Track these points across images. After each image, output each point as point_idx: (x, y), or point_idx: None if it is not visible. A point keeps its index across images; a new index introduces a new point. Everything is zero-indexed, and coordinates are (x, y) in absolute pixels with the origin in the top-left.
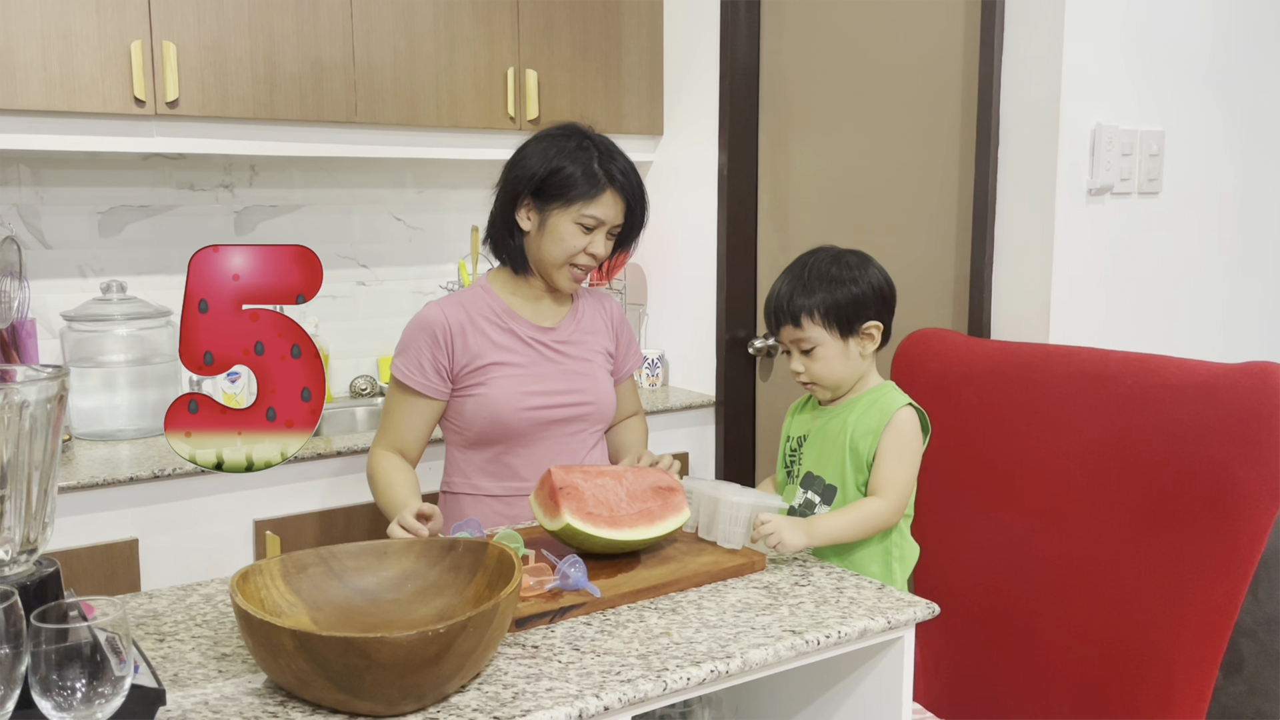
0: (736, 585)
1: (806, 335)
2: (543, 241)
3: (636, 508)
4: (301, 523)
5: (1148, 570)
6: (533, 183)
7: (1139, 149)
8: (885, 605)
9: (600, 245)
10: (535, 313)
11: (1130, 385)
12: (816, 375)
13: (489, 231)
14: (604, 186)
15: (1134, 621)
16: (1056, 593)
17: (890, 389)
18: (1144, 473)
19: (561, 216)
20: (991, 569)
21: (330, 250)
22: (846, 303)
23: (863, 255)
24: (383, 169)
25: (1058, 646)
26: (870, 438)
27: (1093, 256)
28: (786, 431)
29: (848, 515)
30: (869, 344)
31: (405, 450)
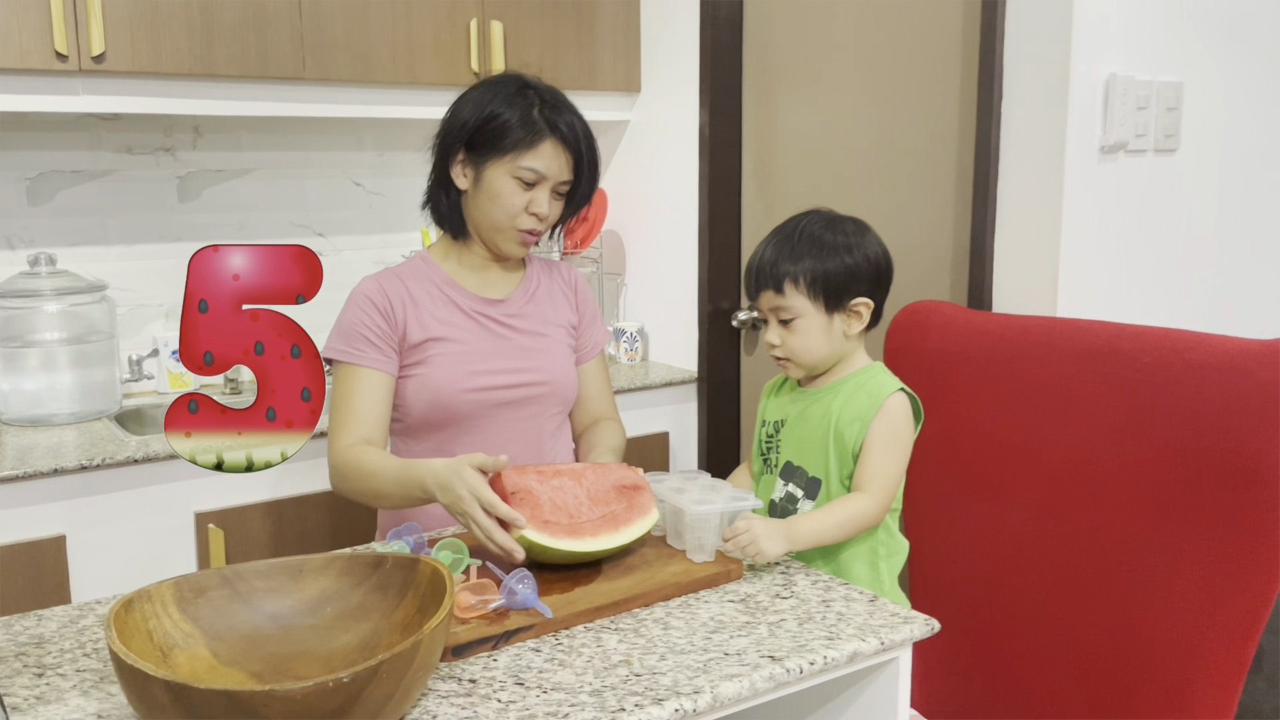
0: (709, 598)
1: (788, 304)
2: (480, 200)
3: (599, 511)
4: (248, 515)
5: (1168, 567)
6: (465, 132)
7: (1155, 102)
8: (878, 623)
9: (544, 203)
10: (481, 283)
11: (1148, 363)
12: (792, 350)
13: (427, 195)
14: (543, 134)
15: (1153, 624)
16: (1066, 592)
17: (880, 371)
18: (1164, 460)
19: (496, 169)
20: (992, 565)
21: (283, 219)
22: (837, 273)
23: (860, 223)
24: (339, 130)
25: (1066, 651)
26: (857, 425)
27: (1105, 221)
28: (762, 415)
29: (831, 515)
30: (855, 323)
31: (373, 440)
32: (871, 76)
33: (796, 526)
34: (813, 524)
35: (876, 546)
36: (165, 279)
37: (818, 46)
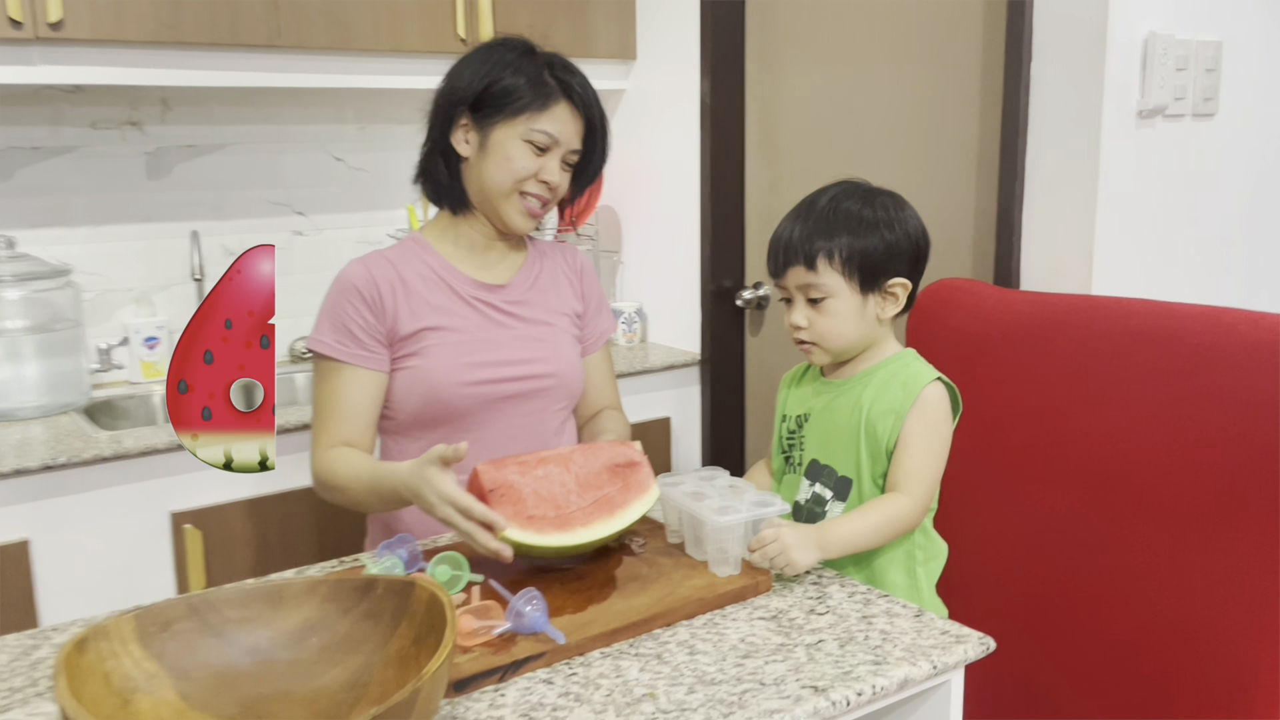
0: (737, 615)
1: (819, 281)
2: (485, 165)
3: (590, 497)
4: (228, 515)
5: (1220, 565)
6: (470, 94)
7: (1194, 63)
8: (927, 643)
9: (555, 170)
10: (481, 267)
11: (1197, 344)
12: (821, 333)
13: (420, 168)
14: (556, 96)
15: (1202, 624)
16: (1105, 591)
17: (913, 359)
18: (1215, 449)
19: (507, 132)
20: (1024, 562)
21: (260, 196)
22: (876, 251)
23: (897, 197)
24: (318, 102)
25: (1106, 653)
26: (891, 418)
27: (1142, 191)
28: (782, 409)
29: (866, 519)
30: (890, 306)
31: (355, 441)
32: (885, 38)
33: (829, 533)
34: (847, 530)
35: (913, 551)
36: (135, 262)
37: (827, 7)
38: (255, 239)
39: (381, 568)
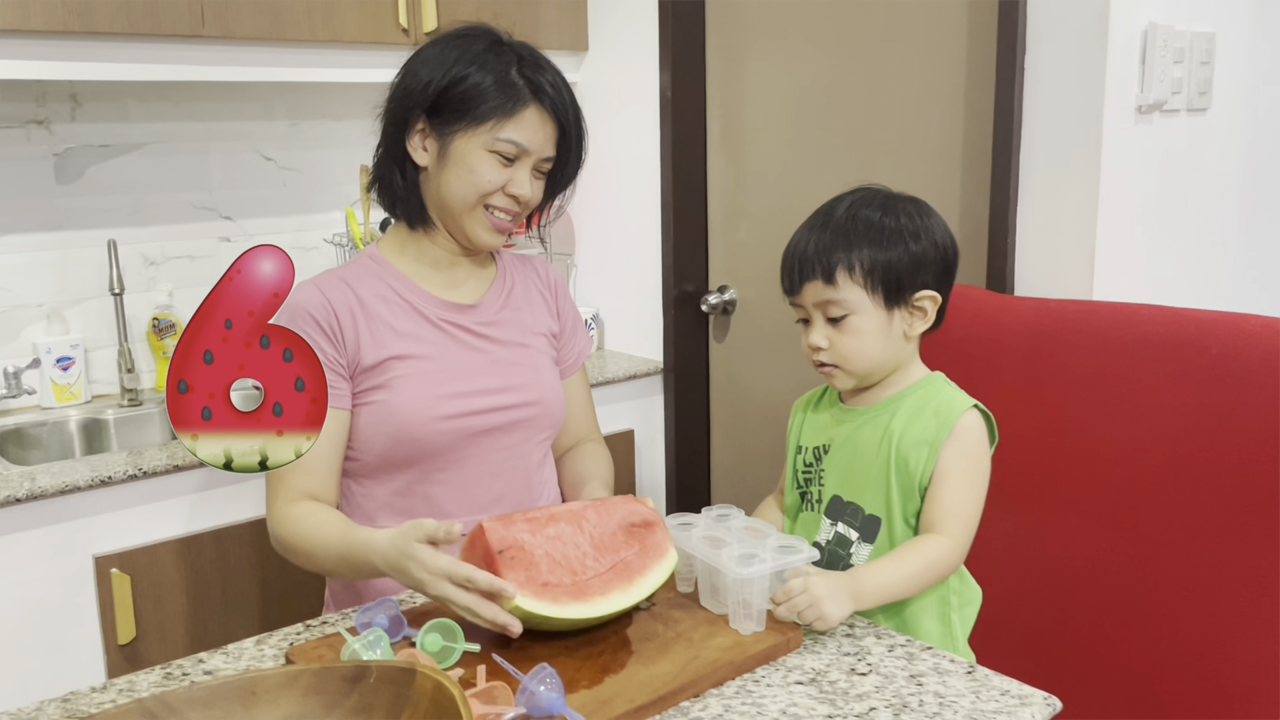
0: (771, 679)
1: (839, 297)
2: (445, 177)
3: (607, 561)
4: (158, 556)
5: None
6: (427, 96)
7: (1190, 55)
8: (989, 706)
9: (525, 182)
10: (447, 285)
11: (1217, 354)
12: (844, 354)
13: (375, 173)
14: (526, 100)
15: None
16: (1125, 612)
17: (944, 384)
18: (1239, 464)
19: (469, 141)
20: (1039, 584)
21: (183, 200)
22: (900, 262)
23: (921, 203)
24: (245, 97)
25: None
26: (925, 451)
27: (1142, 191)
28: (797, 439)
29: (903, 565)
30: (919, 321)
31: (318, 492)
32: (860, 25)
33: (863, 581)
34: (882, 577)
35: (948, 596)
36: (44, 275)
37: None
38: (179, 247)
39: (364, 643)
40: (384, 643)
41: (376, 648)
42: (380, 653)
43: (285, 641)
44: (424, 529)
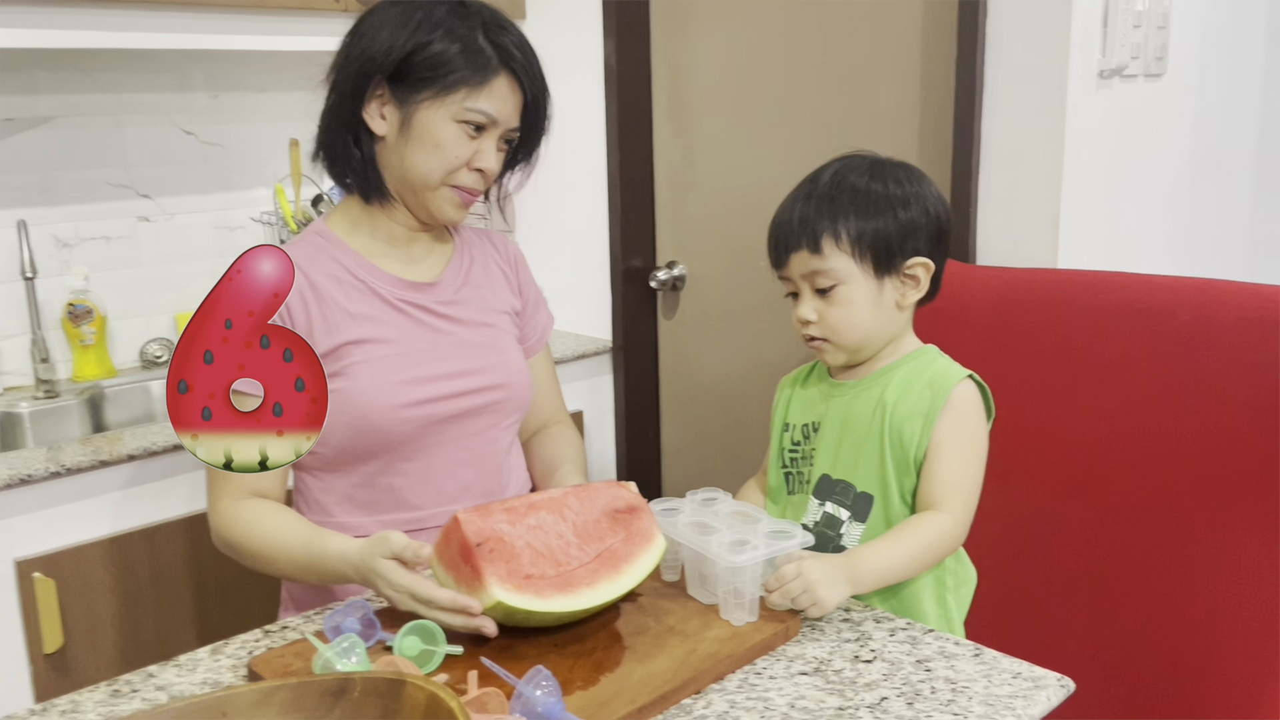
0: (774, 671)
1: (827, 266)
2: (407, 151)
3: (592, 550)
4: (85, 558)
5: (1224, 554)
6: (390, 62)
7: (1148, 20)
8: (1002, 691)
9: (491, 155)
10: (404, 262)
11: (1189, 320)
12: (834, 326)
13: (321, 141)
14: (495, 69)
15: (1210, 616)
16: (1102, 585)
17: (936, 355)
18: (1213, 431)
19: (435, 112)
20: (1013, 558)
21: (97, 178)
22: (889, 229)
23: (912, 169)
24: (161, 66)
25: (1107, 649)
26: (919, 423)
27: (1103, 158)
28: (784, 417)
29: (902, 544)
30: (911, 291)
31: (266, 489)
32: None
33: (860, 564)
34: (881, 558)
35: (944, 577)
36: None
37: None
38: (95, 227)
39: (337, 651)
40: (359, 649)
41: (352, 655)
42: (356, 661)
43: (244, 650)
44: (390, 546)
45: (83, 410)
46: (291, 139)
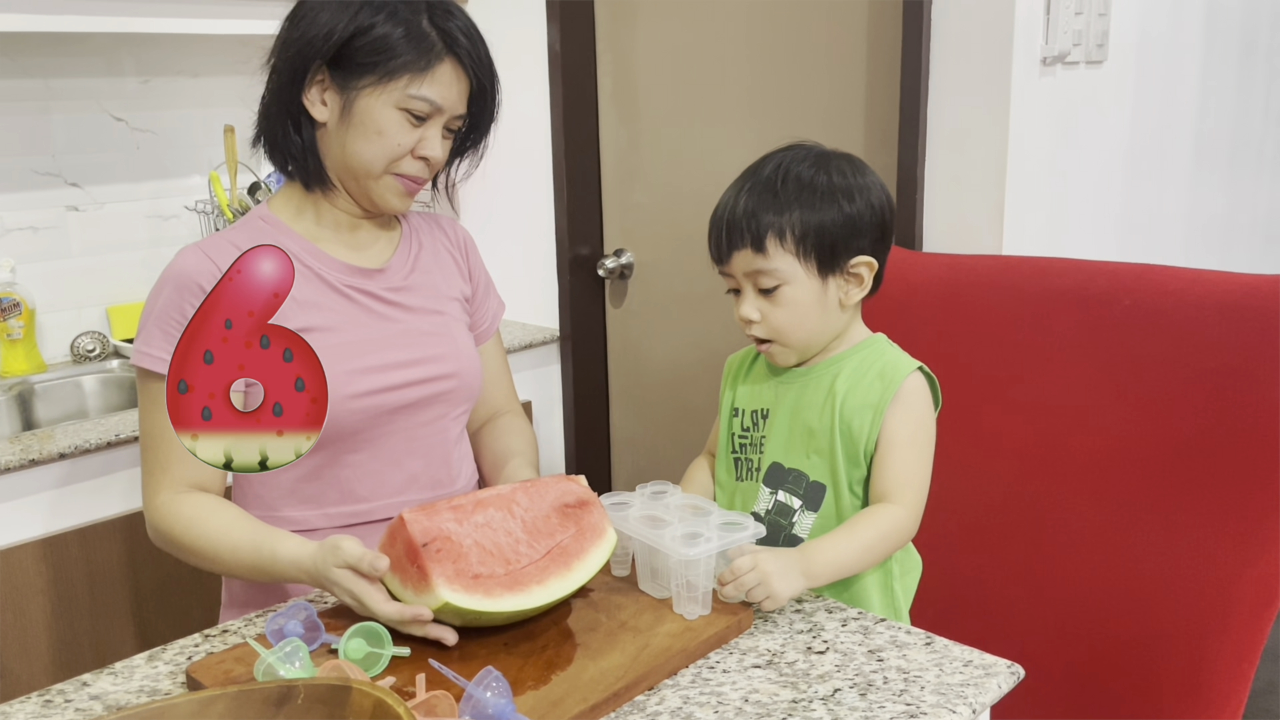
0: (726, 665)
1: (770, 266)
2: (349, 138)
3: (543, 547)
4: (15, 560)
5: (1170, 541)
6: (330, 46)
7: (1090, 6)
8: (954, 679)
9: (435, 143)
10: (350, 248)
11: (1130, 305)
12: (777, 327)
13: (260, 127)
14: (440, 54)
15: (1155, 606)
16: (1049, 577)
17: (885, 345)
18: (1156, 417)
19: (376, 98)
20: (961, 543)
21: (23, 165)
22: (835, 225)
23: (856, 160)
24: (90, 50)
25: (1053, 644)
26: (869, 414)
27: (1046, 145)
28: (732, 401)
29: (855, 537)
30: (854, 290)
31: (206, 482)
32: None
33: (814, 556)
34: (834, 551)
35: (890, 565)
36: None
37: None
38: (21, 217)
39: (280, 656)
40: (303, 653)
41: (295, 660)
42: (300, 665)
43: (183, 656)
44: (344, 556)
45: (11, 407)
46: (227, 125)
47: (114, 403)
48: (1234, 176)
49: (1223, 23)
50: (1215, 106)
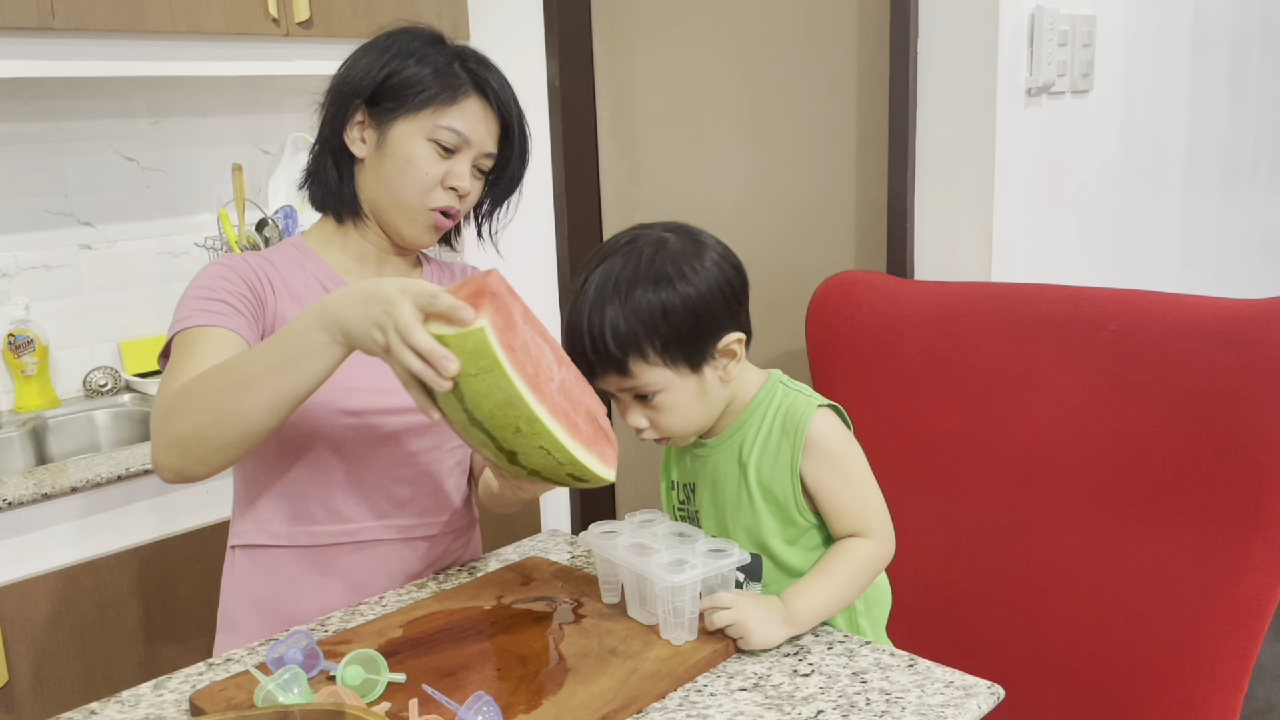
0: (714, 688)
1: (642, 382)
2: (384, 168)
3: (565, 403)
4: (29, 592)
5: (1158, 559)
6: (366, 86)
7: (1073, 38)
8: (935, 700)
9: (465, 175)
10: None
11: (1116, 330)
12: (669, 428)
13: (308, 170)
14: (467, 90)
15: (1145, 623)
16: (1038, 595)
17: (781, 388)
18: (1142, 439)
19: (408, 128)
20: (950, 570)
21: (37, 206)
22: (689, 320)
23: (683, 228)
24: (102, 93)
25: (1045, 661)
26: (786, 475)
27: (1033, 173)
28: (668, 474)
29: (833, 576)
30: (731, 364)
31: None
32: (751, 14)
33: (797, 605)
34: (815, 596)
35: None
36: None
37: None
38: (35, 256)
39: (279, 683)
40: (301, 680)
41: (294, 687)
42: (299, 692)
43: (187, 684)
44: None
45: (25, 442)
46: (235, 164)
47: (126, 436)
48: (1228, 198)
49: (1211, 47)
50: (1206, 130)
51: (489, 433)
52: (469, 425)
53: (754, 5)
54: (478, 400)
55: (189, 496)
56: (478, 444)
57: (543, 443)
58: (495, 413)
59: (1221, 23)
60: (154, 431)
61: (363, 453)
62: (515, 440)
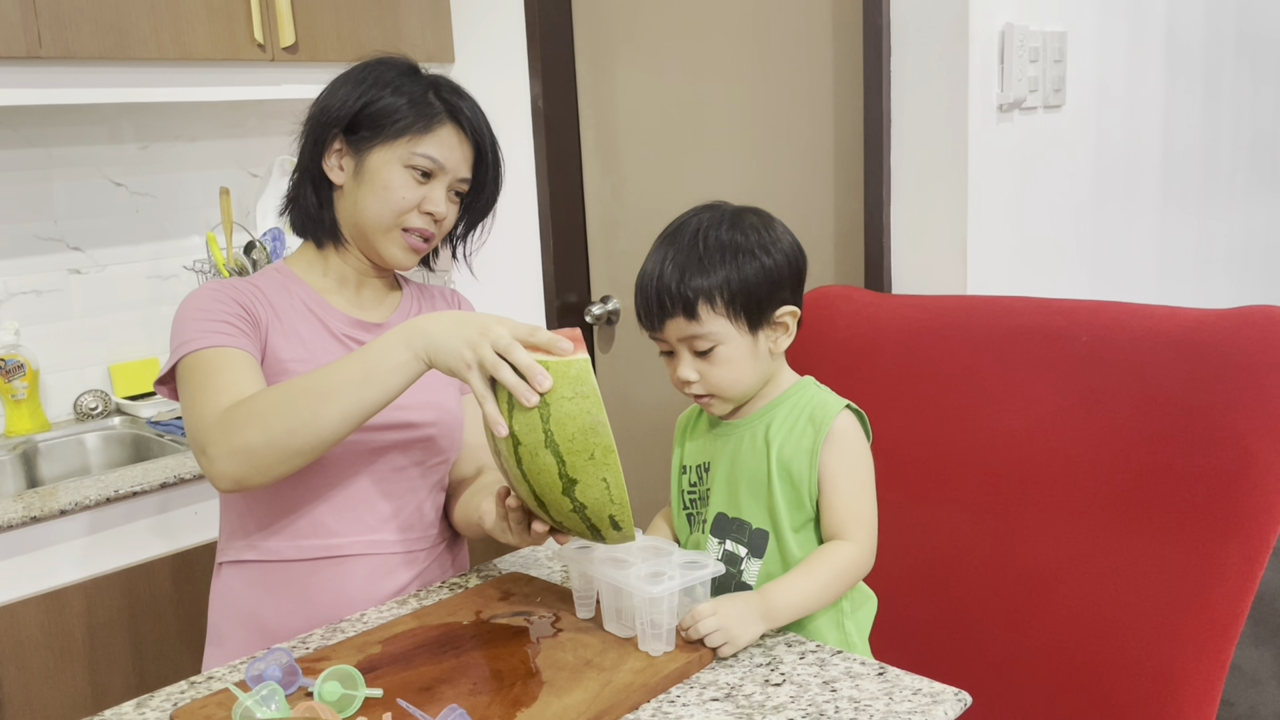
0: (687, 699)
1: (705, 330)
2: (361, 194)
3: None
4: (17, 615)
5: (1132, 567)
6: (344, 115)
7: (1044, 54)
8: (903, 707)
9: (440, 200)
10: (354, 303)
11: (1088, 341)
12: (716, 384)
13: (288, 197)
14: (441, 118)
15: (1120, 630)
16: (1016, 604)
17: (813, 387)
18: (1115, 449)
19: (385, 156)
20: (927, 576)
21: (26, 231)
22: (759, 282)
23: (764, 214)
24: (89, 119)
25: (1022, 669)
26: (805, 459)
27: (1006, 188)
28: (680, 459)
29: (813, 576)
30: (783, 338)
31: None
32: (726, 32)
33: (774, 600)
34: (793, 593)
35: (841, 603)
36: None
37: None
38: (25, 281)
39: (257, 699)
40: (279, 696)
41: (271, 703)
42: (276, 708)
43: (168, 703)
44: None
45: (16, 465)
46: (222, 187)
47: (116, 459)
48: (1205, 209)
49: (1185, 60)
50: (1182, 142)
51: (562, 456)
52: (542, 447)
53: (733, 26)
54: (564, 421)
55: (179, 517)
56: (537, 469)
57: (607, 475)
58: (578, 436)
59: (1195, 35)
60: (211, 442)
61: (350, 469)
62: (585, 467)
